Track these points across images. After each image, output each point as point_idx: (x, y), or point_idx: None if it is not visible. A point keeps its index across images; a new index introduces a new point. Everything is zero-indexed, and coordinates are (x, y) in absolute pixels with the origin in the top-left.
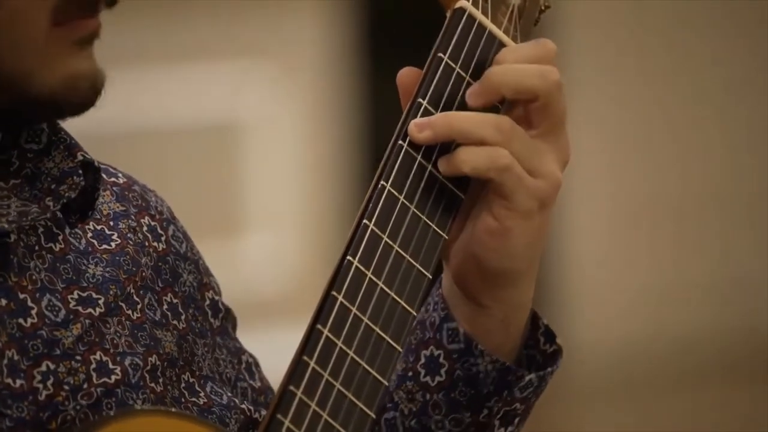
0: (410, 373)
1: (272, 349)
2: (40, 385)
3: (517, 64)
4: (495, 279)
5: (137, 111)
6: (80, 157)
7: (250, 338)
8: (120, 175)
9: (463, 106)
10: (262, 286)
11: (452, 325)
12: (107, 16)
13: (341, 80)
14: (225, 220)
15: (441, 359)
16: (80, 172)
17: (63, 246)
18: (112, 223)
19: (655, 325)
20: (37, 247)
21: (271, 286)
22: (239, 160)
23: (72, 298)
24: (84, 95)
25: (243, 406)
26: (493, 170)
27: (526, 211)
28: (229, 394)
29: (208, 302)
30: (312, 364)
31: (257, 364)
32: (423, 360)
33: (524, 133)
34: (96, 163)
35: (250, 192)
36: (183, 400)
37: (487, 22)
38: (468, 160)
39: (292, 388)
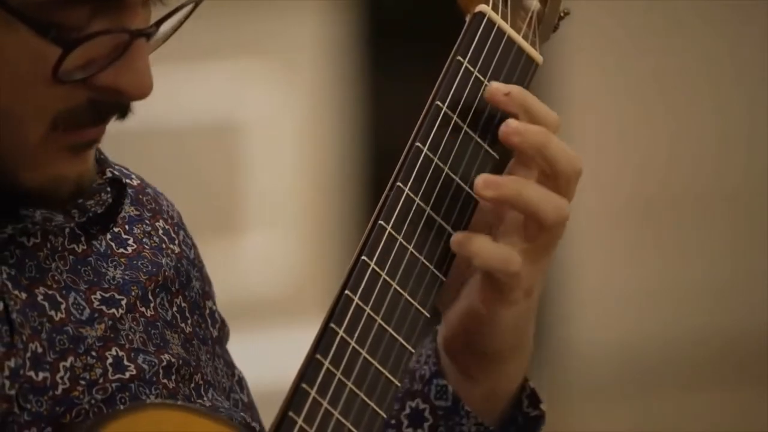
0: (393, 422)
1: (272, 348)
2: (60, 380)
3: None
4: (482, 357)
5: (137, 110)
6: (109, 174)
7: (249, 338)
8: (133, 176)
9: (481, 109)
10: (261, 286)
11: (442, 382)
12: None
13: (342, 80)
14: (225, 220)
15: (426, 413)
16: (108, 189)
17: (86, 247)
18: (127, 227)
19: (655, 325)
20: (60, 248)
21: (271, 286)
22: (239, 159)
23: (95, 299)
24: (64, 196)
25: (242, 414)
26: (502, 272)
27: (514, 300)
28: (228, 403)
29: (208, 311)
30: (327, 364)
31: (246, 381)
32: (408, 411)
33: None
34: (123, 180)
35: (250, 192)
36: (192, 399)
37: (507, 27)
38: (481, 254)
39: (305, 386)
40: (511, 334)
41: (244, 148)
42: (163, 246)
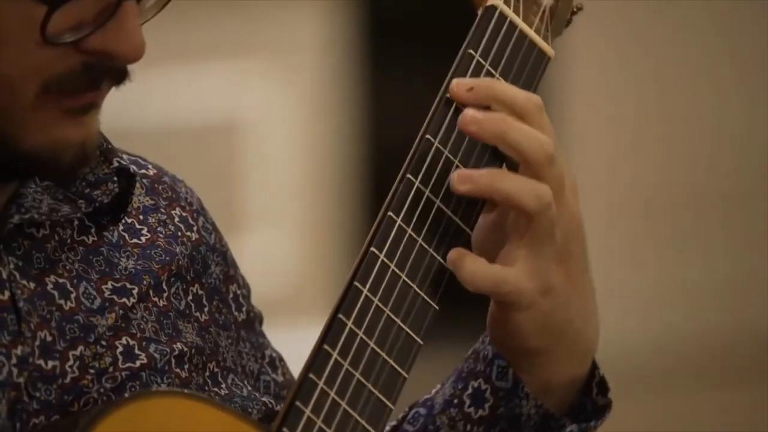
0: (456, 401)
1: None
2: (69, 369)
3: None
4: (519, 355)
5: (137, 110)
6: (116, 163)
7: None
8: (150, 166)
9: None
10: (262, 286)
11: (502, 363)
12: None
13: (341, 80)
14: (225, 220)
15: (487, 394)
16: (115, 179)
17: (96, 239)
18: (141, 217)
19: (655, 325)
20: (69, 240)
21: (271, 286)
22: (239, 159)
23: (106, 288)
24: (68, 162)
25: (264, 399)
26: (495, 294)
27: (527, 304)
28: (249, 387)
29: (231, 295)
30: (335, 354)
31: (281, 359)
32: (470, 390)
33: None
34: (131, 170)
35: (250, 192)
36: (207, 388)
37: (519, 21)
38: (472, 280)
39: (312, 376)
40: (538, 334)
41: (244, 148)
42: (179, 234)
